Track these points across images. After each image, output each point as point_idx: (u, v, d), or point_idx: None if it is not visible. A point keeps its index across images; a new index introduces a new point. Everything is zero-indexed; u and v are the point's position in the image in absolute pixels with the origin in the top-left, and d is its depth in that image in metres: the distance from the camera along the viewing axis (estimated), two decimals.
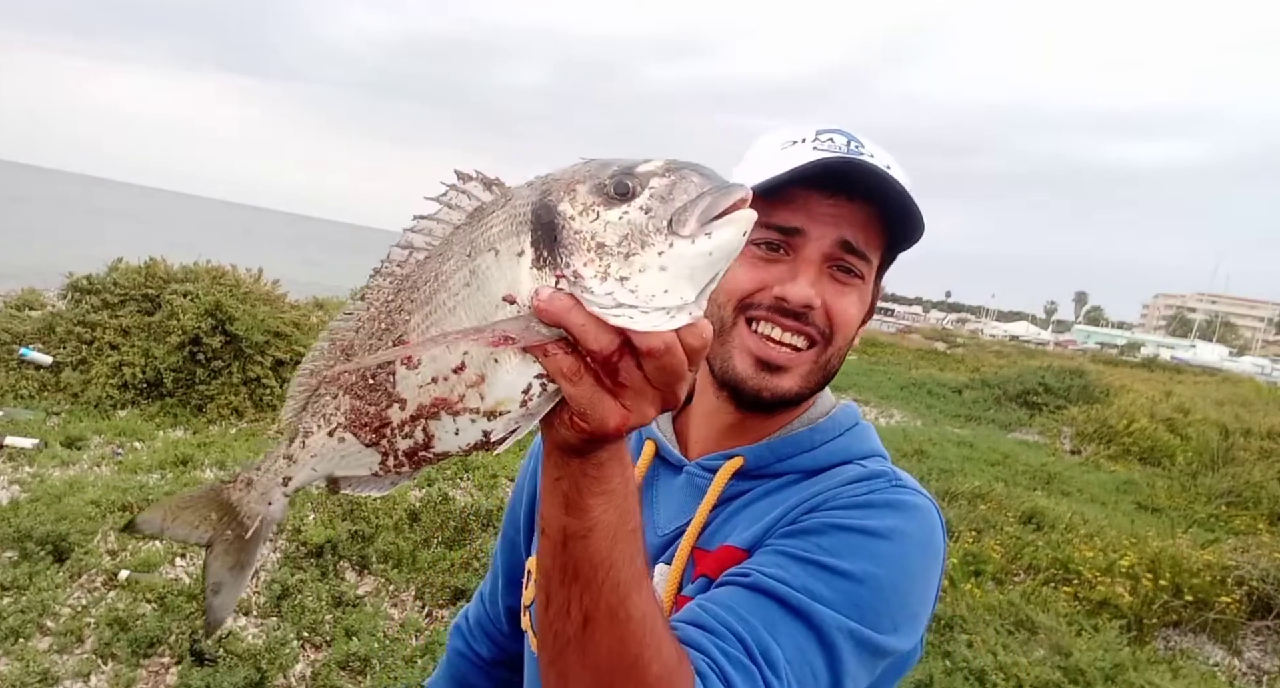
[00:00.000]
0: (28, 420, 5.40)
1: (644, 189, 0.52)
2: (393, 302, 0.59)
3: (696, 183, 0.52)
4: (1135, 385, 16.10)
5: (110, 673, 2.96)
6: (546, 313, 0.50)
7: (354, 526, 4.27)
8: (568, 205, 0.53)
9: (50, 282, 8.01)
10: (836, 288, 0.82)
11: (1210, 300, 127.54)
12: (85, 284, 6.77)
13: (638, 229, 0.51)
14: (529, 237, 0.53)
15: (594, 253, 0.51)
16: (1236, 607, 4.82)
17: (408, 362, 0.56)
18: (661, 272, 0.50)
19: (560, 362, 0.52)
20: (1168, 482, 9.14)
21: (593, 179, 0.53)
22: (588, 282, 0.51)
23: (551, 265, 0.52)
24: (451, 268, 0.56)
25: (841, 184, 0.80)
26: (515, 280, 0.53)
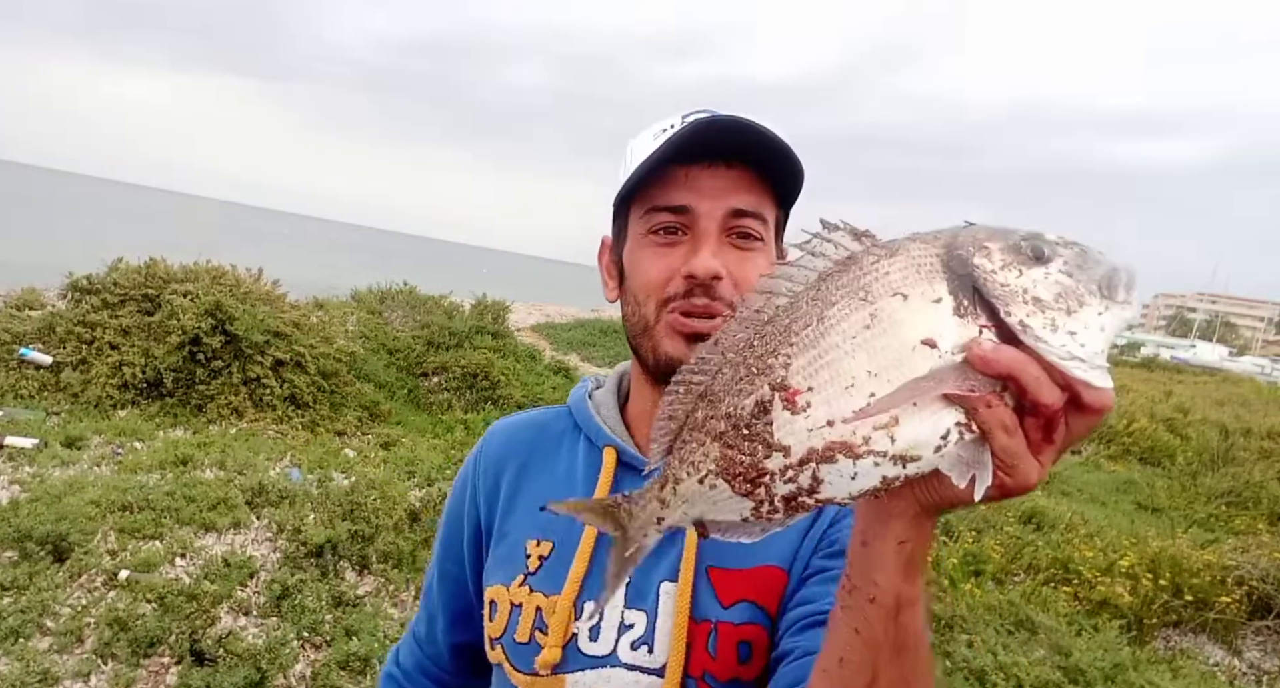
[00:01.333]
0: (28, 420, 5.40)
1: (1057, 256, 0.53)
2: (760, 346, 0.57)
3: (1099, 256, 0.53)
4: (1135, 385, 16.10)
5: (110, 673, 2.96)
6: (995, 363, 0.49)
7: (354, 526, 4.26)
8: (984, 260, 0.53)
9: (50, 282, 8.01)
10: (739, 255, 0.81)
11: (1210, 300, 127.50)
12: (85, 284, 6.77)
13: (1070, 290, 0.51)
14: (944, 285, 0.53)
15: (1034, 306, 0.51)
16: (1236, 607, 4.82)
17: (792, 405, 0.54)
18: (1100, 331, 0.51)
19: (1001, 414, 0.50)
20: (1168, 482, 9.14)
21: (1003, 239, 0.53)
22: (1038, 331, 0.50)
23: (974, 315, 0.52)
24: (841, 312, 0.54)
25: (717, 151, 0.80)
26: (934, 325, 0.52)
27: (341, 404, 6.97)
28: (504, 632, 0.86)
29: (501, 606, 0.88)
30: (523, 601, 0.85)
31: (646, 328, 0.83)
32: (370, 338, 8.65)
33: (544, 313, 20.64)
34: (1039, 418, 0.50)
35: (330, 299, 10.03)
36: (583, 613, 0.81)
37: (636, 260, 0.84)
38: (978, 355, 0.49)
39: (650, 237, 0.82)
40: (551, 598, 0.83)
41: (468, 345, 8.86)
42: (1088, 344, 0.50)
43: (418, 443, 6.52)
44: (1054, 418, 0.50)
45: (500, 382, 8.27)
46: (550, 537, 0.87)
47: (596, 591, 0.81)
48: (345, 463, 5.63)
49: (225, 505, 4.42)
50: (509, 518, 0.92)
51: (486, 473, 0.96)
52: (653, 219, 0.82)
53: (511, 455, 0.95)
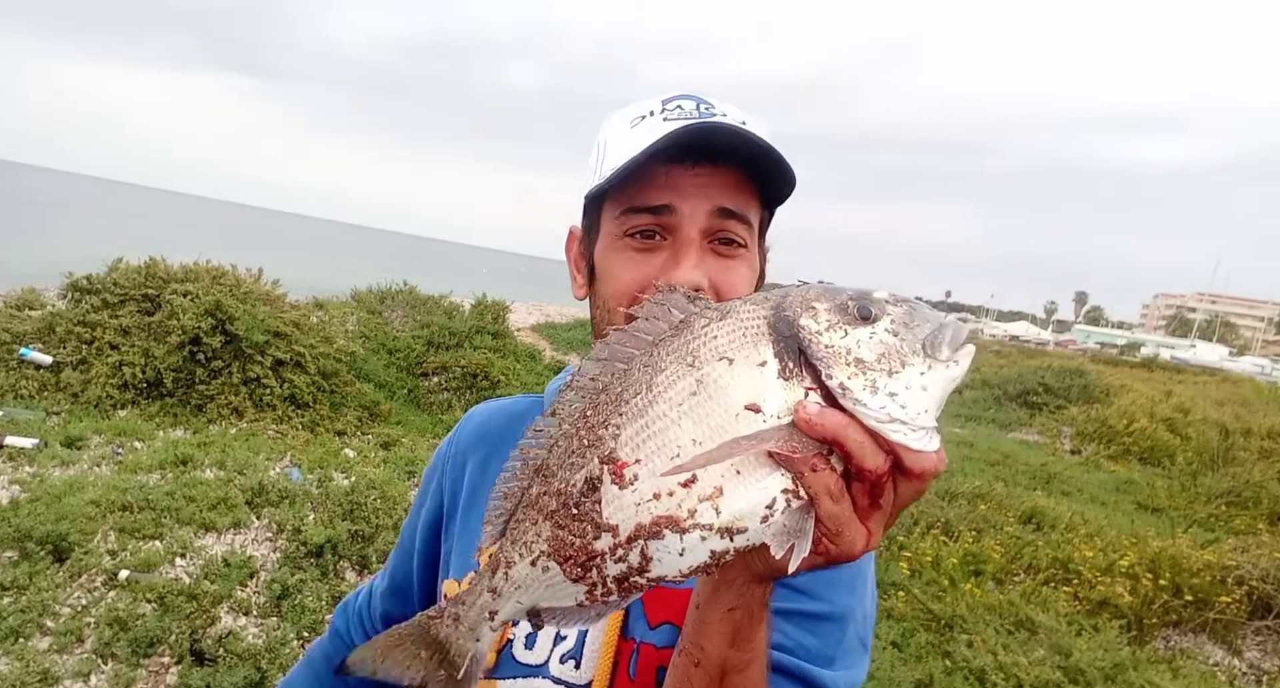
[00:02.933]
0: (28, 420, 5.40)
1: (884, 314, 0.52)
2: (593, 416, 0.56)
3: (928, 313, 0.53)
4: (1135, 385, 16.10)
5: (110, 673, 2.96)
6: (819, 426, 0.48)
7: (354, 526, 4.27)
8: (810, 321, 0.52)
9: (50, 282, 8.01)
10: (722, 263, 0.76)
11: (1210, 300, 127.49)
12: (85, 284, 6.77)
13: (893, 350, 0.51)
14: (770, 347, 0.52)
15: (855, 367, 0.50)
16: (1236, 607, 4.82)
17: (619, 479, 0.53)
18: (923, 391, 0.50)
19: (826, 479, 0.49)
20: (1168, 482, 9.14)
21: (830, 300, 0.53)
22: (857, 394, 0.49)
23: (799, 378, 0.51)
24: (668, 379, 0.53)
25: (701, 151, 0.74)
26: (759, 389, 0.51)
27: (341, 404, 6.97)
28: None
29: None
30: None
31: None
32: (370, 338, 8.65)
33: (544, 313, 20.64)
34: (865, 482, 0.49)
35: (330, 299, 10.03)
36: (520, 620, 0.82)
37: (610, 264, 0.79)
38: (802, 419, 0.48)
39: (626, 239, 0.77)
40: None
41: (468, 345, 8.87)
42: (909, 406, 0.49)
43: (418, 443, 6.52)
44: (879, 482, 0.49)
45: (500, 382, 8.27)
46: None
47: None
48: (345, 463, 5.63)
49: (225, 505, 4.42)
50: (470, 510, 0.89)
51: (455, 459, 0.94)
52: (629, 220, 0.76)
53: (479, 445, 0.93)
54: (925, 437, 0.50)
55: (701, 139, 0.73)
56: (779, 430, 0.50)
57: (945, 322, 0.53)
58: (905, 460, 0.49)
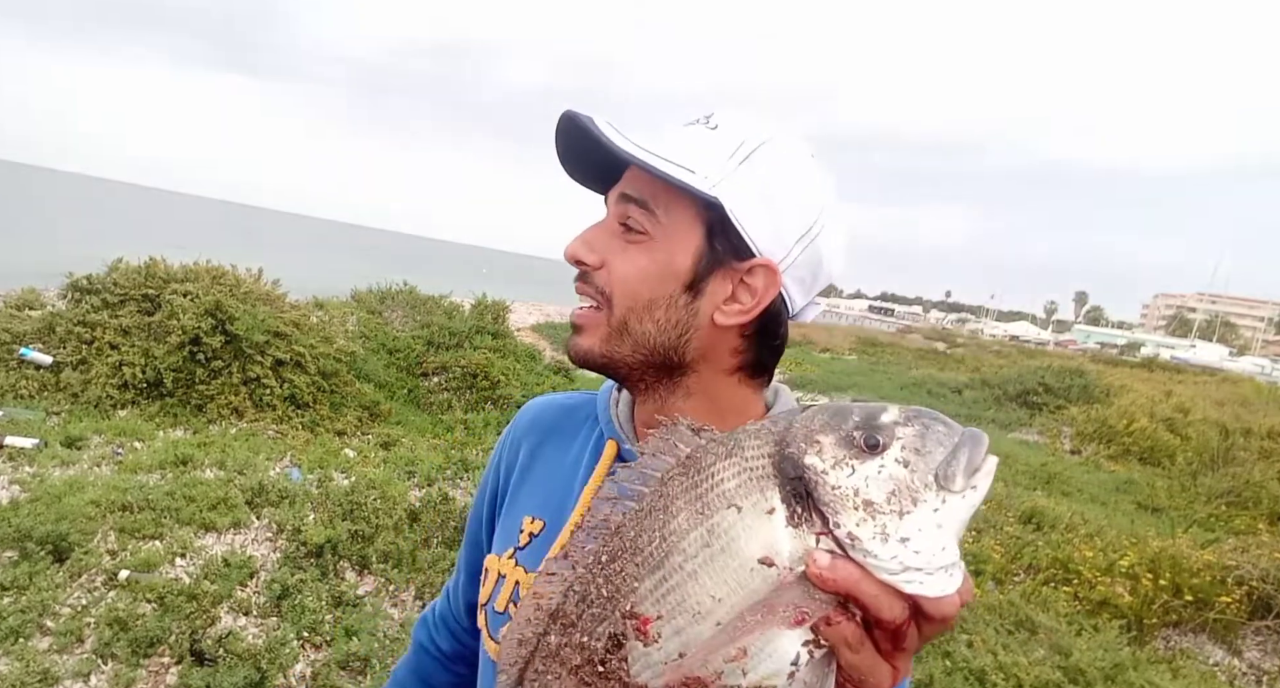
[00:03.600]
0: (28, 420, 5.40)
1: (894, 440, 0.50)
2: (609, 563, 0.54)
3: (943, 432, 0.50)
4: (1135, 385, 16.11)
5: (110, 673, 2.96)
6: (832, 582, 0.47)
7: (354, 526, 4.27)
8: (815, 459, 0.50)
9: (50, 282, 8.01)
10: (619, 246, 0.78)
11: (1210, 300, 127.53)
12: (85, 284, 6.77)
13: (904, 485, 0.48)
14: (776, 492, 0.50)
15: (864, 511, 0.48)
16: (1236, 607, 4.82)
17: (644, 636, 0.51)
18: (938, 529, 0.48)
19: (845, 630, 0.48)
20: (1168, 482, 9.15)
21: (835, 430, 0.50)
22: (866, 544, 0.47)
23: (809, 524, 0.49)
24: (681, 526, 0.52)
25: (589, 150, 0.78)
26: (770, 541, 0.49)
27: (341, 404, 6.97)
28: (488, 599, 0.89)
29: (491, 573, 0.91)
30: (508, 572, 0.88)
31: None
32: (370, 338, 8.65)
33: (544, 313, 20.65)
34: (885, 631, 0.48)
35: (330, 299, 10.03)
36: None
37: None
38: (813, 574, 0.47)
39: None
40: (530, 574, 0.85)
41: (468, 345, 8.87)
42: (924, 549, 0.47)
43: (418, 443, 6.52)
44: (900, 631, 0.48)
45: (500, 382, 8.27)
46: (544, 516, 0.89)
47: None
48: (345, 463, 5.63)
49: (225, 505, 4.42)
50: (518, 491, 0.95)
51: (512, 445, 0.99)
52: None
53: (534, 432, 0.98)
54: (944, 579, 0.47)
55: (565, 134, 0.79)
56: (795, 588, 0.48)
57: (960, 441, 0.50)
58: (925, 608, 0.48)
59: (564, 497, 0.88)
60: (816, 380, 14.54)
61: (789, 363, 16.44)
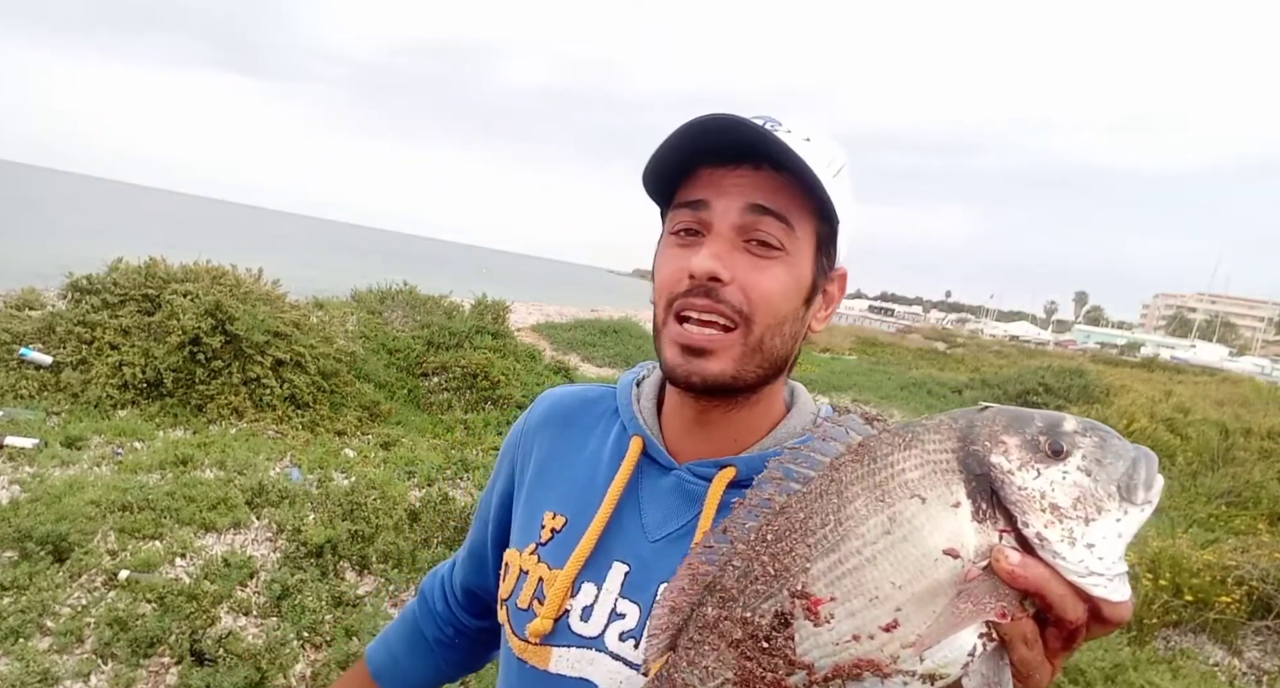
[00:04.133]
0: (28, 420, 5.40)
1: (1076, 449, 0.50)
2: (775, 541, 0.54)
3: (1119, 446, 0.51)
4: (1135, 385, 16.11)
5: (110, 673, 2.96)
6: (1022, 579, 0.48)
7: (354, 526, 4.27)
8: (1002, 458, 0.50)
9: (50, 282, 8.01)
10: (753, 262, 0.75)
11: (1210, 300, 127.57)
12: (85, 284, 6.77)
13: (1089, 493, 0.49)
14: (963, 487, 0.50)
15: (1051, 514, 0.49)
16: (1236, 607, 4.82)
17: (814, 616, 0.52)
18: (1118, 539, 0.49)
19: (1024, 626, 0.49)
20: (1168, 482, 9.10)
21: (1019, 433, 0.51)
22: (1055, 545, 0.48)
23: (993, 520, 0.50)
24: (859, 512, 0.52)
25: (740, 151, 0.75)
26: (955, 533, 0.50)
27: (341, 404, 6.97)
28: (510, 595, 0.88)
29: (512, 569, 0.90)
30: (530, 568, 0.87)
31: (657, 330, 0.82)
32: (370, 338, 8.65)
33: (544, 313, 20.65)
34: (1062, 630, 0.50)
35: (330, 299, 10.03)
36: (579, 592, 0.83)
37: (658, 263, 0.83)
38: (1004, 570, 0.48)
39: (672, 237, 0.80)
40: (554, 571, 0.85)
41: (468, 345, 8.86)
42: (1106, 556, 0.49)
43: (418, 443, 6.52)
44: (1076, 632, 0.50)
45: (500, 382, 8.27)
46: (566, 511, 0.89)
47: (598, 573, 0.83)
48: (345, 463, 5.63)
49: (225, 505, 4.42)
50: (536, 485, 0.94)
51: (526, 436, 0.98)
52: (675, 217, 0.80)
53: (550, 424, 0.97)
54: (1121, 586, 0.49)
55: (734, 138, 0.74)
56: (985, 584, 0.49)
57: (1137, 457, 0.51)
58: (1104, 611, 0.49)
59: (587, 493, 0.87)
60: (817, 380, 14.54)
61: None
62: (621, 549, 0.83)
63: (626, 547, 0.83)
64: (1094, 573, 0.48)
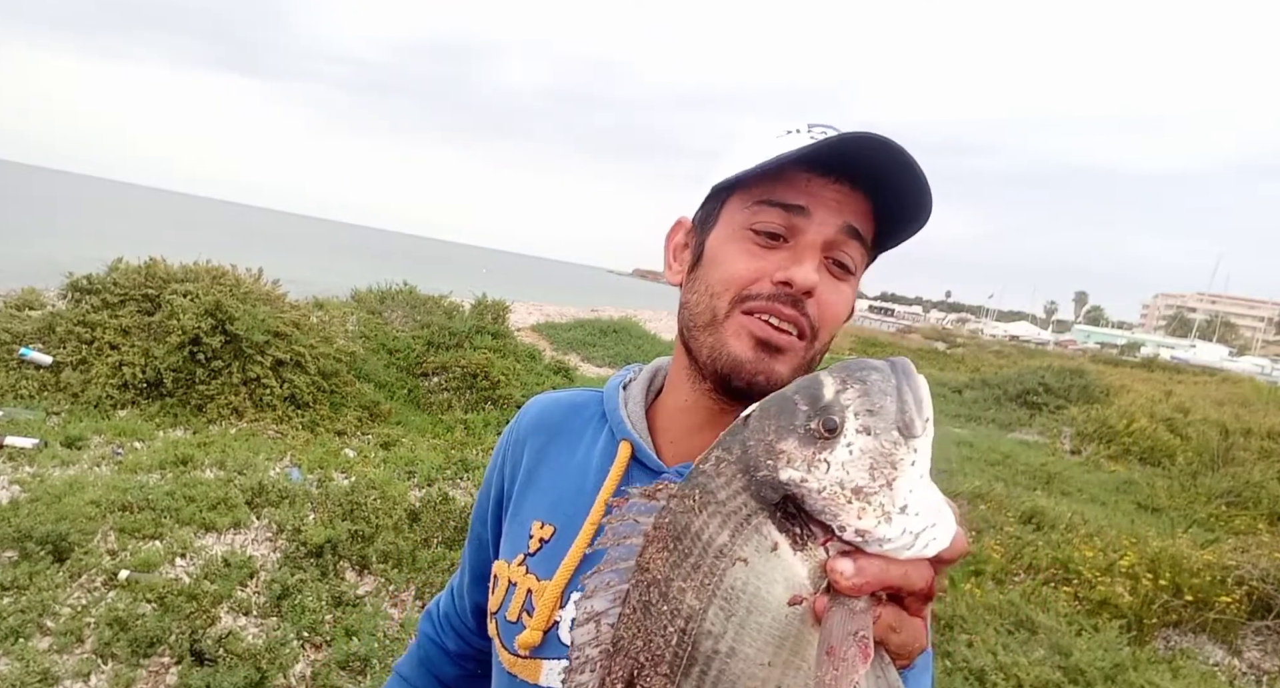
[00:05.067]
0: (28, 420, 5.40)
1: (847, 413, 0.47)
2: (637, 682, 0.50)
3: (879, 379, 0.48)
4: (1135, 385, 16.12)
5: (110, 673, 2.96)
6: (864, 586, 0.45)
7: (354, 526, 4.27)
8: (790, 471, 0.47)
9: (50, 282, 8.01)
10: (831, 282, 0.77)
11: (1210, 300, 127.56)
12: (85, 284, 6.77)
13: (877, 453, 0.46)
14: (771, 524, 0.47)
15: (858, 500, 0.46)
16: (1236, 607, 4.82)
17: None
18: (921, 480, 0.47)
19: (886, 619, 0.46)
20: (1168, 482, 9.14)
21: (791, 432, 0.48)
22: (876, 532, 0.45)
23: (812, 538, 0.47)
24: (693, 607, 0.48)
25: (845, 167, 0.75)
26: (789, 577, 0.46)
27: (341, 404, 6.97)
28: (499, 607, 0.87)
29: (501, 581, 0.88)
30: (518, 580, 0.86)
31: (713, 321, 0.78)
32: (370, 338, 8.65)
33: (544, 313, 20.65)
34: (916, 596, 0.47)
35: (330, 299, 10.03)
36: (568, 603, 0.81)
37: (726, 252, 0.78)
38: (845, 588, 0.45)
39: (750, 233, 0.77)
40: (543, 583, 0.83)
41: (468, 345, 8.87)
42: (921, 508, 0.46)
43: (418, 443, 6.52)
44: (930, 589, 0.47)
45: (500, 382, 8.27)
46: (554, 521, 0.87)
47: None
48: (345, 463, 5.63)
49: (225, 505, 4.42)
50: (524, 494, 0.92)
51: (515, 446, 0.96)
52: (760, 214, 0.76)
53: (538, 432, 0.95)
54: (948, 521, 0.46)
55: (851, 155, 0.73)
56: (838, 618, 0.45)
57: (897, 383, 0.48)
58: (943, 557, 0.47)
59: (575, 502, 0.86)
60: None
61: None
62: None
63: None
64: (920, 534, 0.45)
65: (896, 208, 0.77)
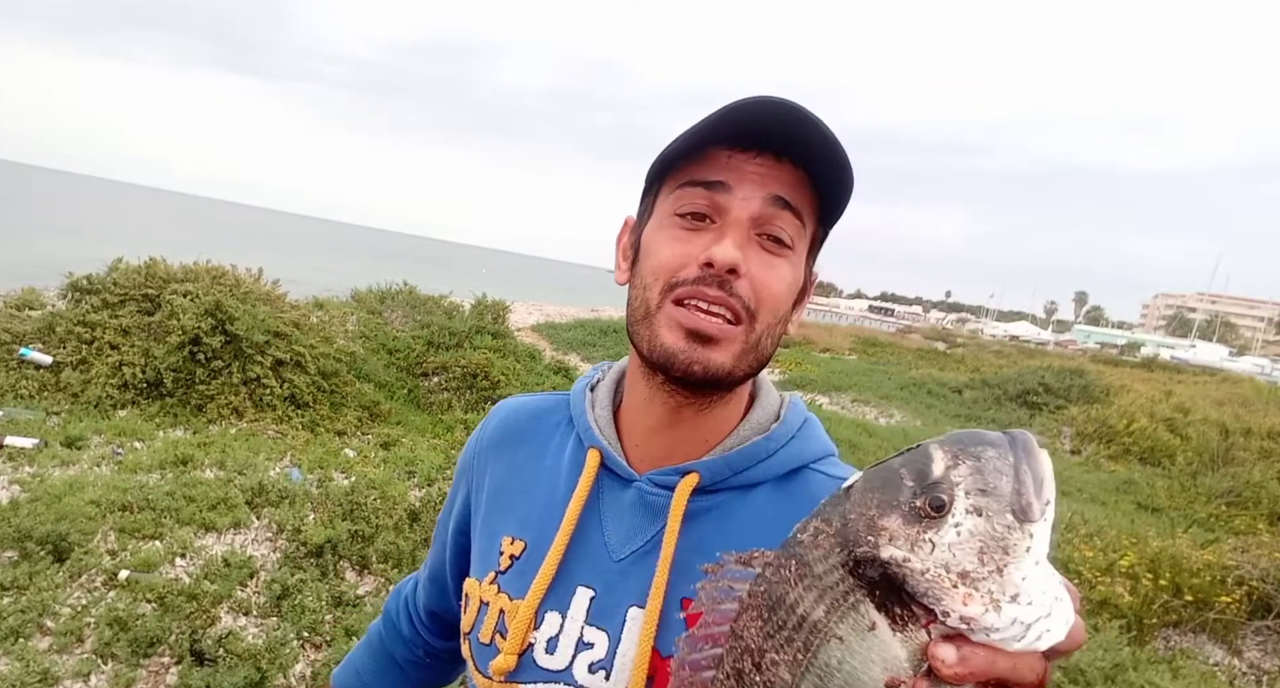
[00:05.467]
0: (28, 420, 5.40)
1: (956, 491, 0.45)
2: None
3: (995, 456, 0.46)
4: (1135, 385, 16.12)
5: (110, 673, 2.96)
6: (967, 676, 0.43)
7: (354, 526, 4.27)
8: (892, 550, 0.45)
9: (50, 282, 8.01)
10: (764, 258, 0.73)
11: (1210, 300, 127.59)
12: (85, 284, 6.77)
13: (988, 537, 0.44)
14: (869, 603, 0.45)
15: (965, 586, 0.43)
16: (1236, 607, 4.82)
17: None
18: (1037, 566, 0.44)
19: None
20: (1168, 482, 9.15)
21: (895, 509, 0.46)
22: (983, 620, 0.43)
23: (913, 620, 0.45)
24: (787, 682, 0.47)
25: (764, 139, 0.72)
26: (886, 658, 0.45)
27: (341, 404, 6.97)
28: (472, 629, 0.83)
29: (473, 601, 0.84)
30: (491, 599, 0.82)
31: (648, 313, 0.75)
32: (370, 338, 8.65)
33: (544, 313, 20.65)
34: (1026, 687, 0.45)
35: (330, 299, 10.03)
36: (543, 622, 0.78)
37: (654, 241, 0.77)
38: (948, 675, 0.43)
39: (676, 218, 0.75)
40: (515, 602, 0.79)
41: (468, 345, 8.87)
42: (1035, 595, 0.43)
43: (418, 443, 6.53)
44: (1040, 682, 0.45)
45: (500, 382, 8.27)
46: (525, 536, 0.83)
47: (561, 600, 0.78)
48: (345, 463, 5.63)
49: (225, 505, 4.42)
50: (492, 507, 0.88)
51: (481, 455, 0.92)
52: (684, 196, 0.74)
53: (504, 442, 0.91)
54: (1064, 612, 0.44)
55: (768, 116, 0.70)
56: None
57: (1015, 462, 0.46)
58: (1058, 649, 0.44)
59: (545, 515, 0.82)
60: (816, 380, 14.54)
61: (790, 363, 16.44)
62: (585, 573, 0.78)
63: (590, 569, 0.78)
64: (1032, 625, 0.43)
65: (828, 177, 0.74)
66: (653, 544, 0.78)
